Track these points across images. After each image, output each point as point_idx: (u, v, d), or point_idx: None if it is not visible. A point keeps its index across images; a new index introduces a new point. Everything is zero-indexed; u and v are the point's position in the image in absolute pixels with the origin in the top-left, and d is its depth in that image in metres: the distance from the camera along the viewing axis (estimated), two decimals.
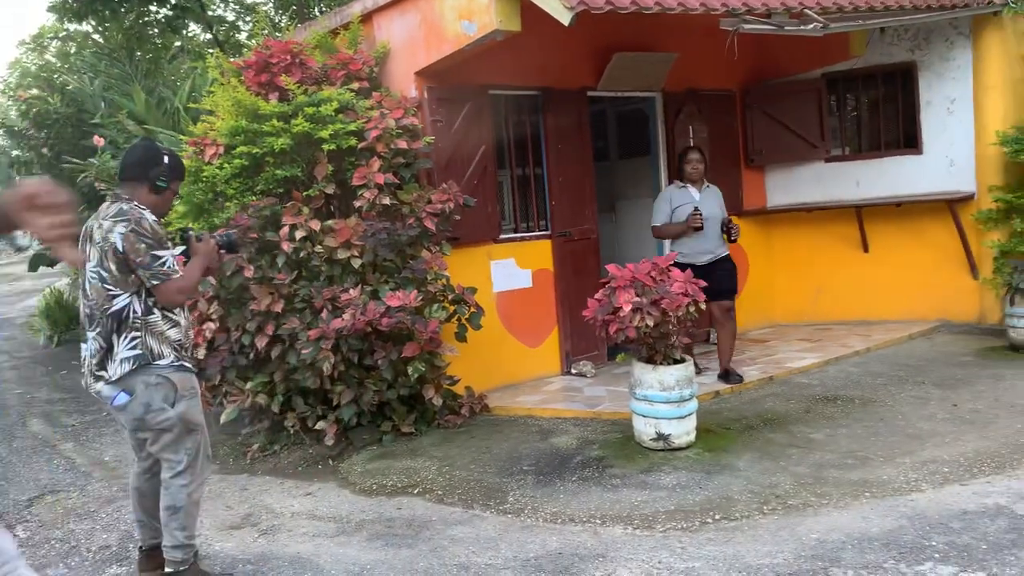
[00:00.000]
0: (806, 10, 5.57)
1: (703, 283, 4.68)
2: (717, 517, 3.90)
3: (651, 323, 4.43)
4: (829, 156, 7.90)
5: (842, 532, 3.58)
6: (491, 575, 3.53)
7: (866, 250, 7.77)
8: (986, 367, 6.08)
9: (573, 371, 6.61)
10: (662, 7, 4.92)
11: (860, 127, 8.02)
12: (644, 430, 4.74)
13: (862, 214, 7.62)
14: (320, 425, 5.33)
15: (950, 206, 7.14)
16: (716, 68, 7.46)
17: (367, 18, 6.14)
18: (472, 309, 5.47)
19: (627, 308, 4.42)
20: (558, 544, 3.77)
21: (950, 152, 7.31)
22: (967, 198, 7.17)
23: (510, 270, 6.33)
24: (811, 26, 5.46)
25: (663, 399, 4.64)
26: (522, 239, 6.52)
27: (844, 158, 7.91)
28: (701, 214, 5.78)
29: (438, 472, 4.83)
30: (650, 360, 4.73)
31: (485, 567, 3.60)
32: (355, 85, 5.64)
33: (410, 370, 5.11)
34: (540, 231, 6.66)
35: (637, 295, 4.47)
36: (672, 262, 4.82)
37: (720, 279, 5.70)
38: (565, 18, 4.57)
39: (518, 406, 5.84)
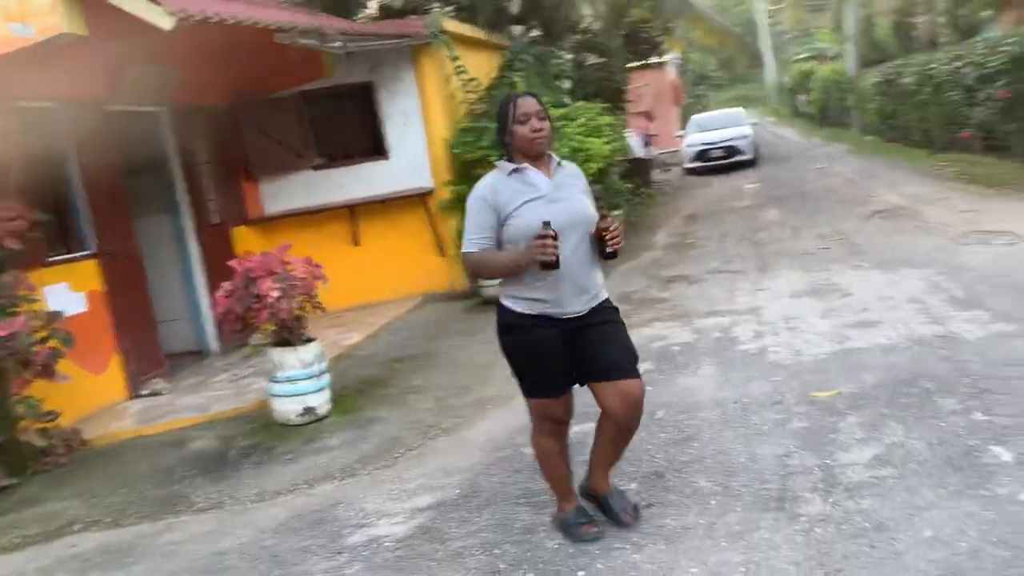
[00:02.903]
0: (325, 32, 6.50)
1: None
2: (401, 451, 4.66)
3: (294, 306, 4.88)
4: (316, 165, 8.92)
5: (505, 428, 4.68)
6: (255, 551, 3.71)
7: (357, 244, 9.01)
8: (479, 315, 7.83)
9: (144, 392, 6.39)
10: (239, 20, 5.31)
11: (338, 139, 9.18)
12: (291, 408, 5.15)
13: (354, 213, 8.83)
14: None
15: (423, 200, 8.82)
16: (214, 86, 7.83)
17: None
18: (60, 335, 5.05)
19: (274, 295, 4.79)
20: (288, 512, 4.08)
21: (411, 156, 8.97)
22: (429, 192, 8.92)
23: (64, 295, 5.84)
24: (336, 43, 6.43)
25: (306, 375, 5.13)
26: (70, 261, 6.06)
27: (328, 166, 9.02)
28: (555, 234, 2.89)
29: (89, 506, 4.52)
30: (286, 343, 5.14)
31: (241, 547, 3.75)
32: None
33: (22, 408, 4.56)
34: (85, 251, 6.25)
35: (277, 283, 4.86)
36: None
37: (609, 338, 3.14)
38: (167, 23, 4.66)
39: (121, 431, 5.55)
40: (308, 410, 5.17)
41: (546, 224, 2.90)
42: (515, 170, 3.10)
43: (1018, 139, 12.06)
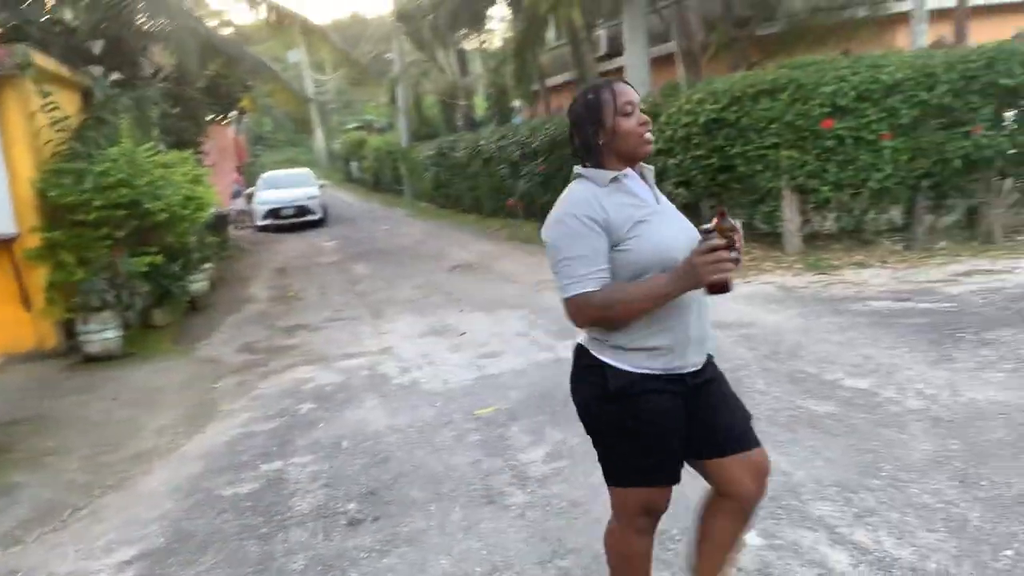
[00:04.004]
0: None
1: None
2: (68, 512, 4.23)
3: None
4: None
5: (184, 476, 4.51)
6: None
7: None
8: (87, 373, 7.15)
9: None
10: None
11: None
12: None
13: None
14: None
15: (6, 247, 7.74)
16: None
17: None
18: None
19: None
20: None
21: None
22: (13, 238, 7.88)
23: None
24: None
25: None
26: None
27: None
28: (731, 239, 2.15)
29: None
30: None
31: None
32: None
33: None
34: None
35: None
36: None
37: (728, 398, 2.48)
38: None
39: None
40: None
41: (708, 232, 2.14)
42: (615, 179, 2.32)
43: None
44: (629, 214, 2.27)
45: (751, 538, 3.20)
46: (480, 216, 17.90)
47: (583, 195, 2.29)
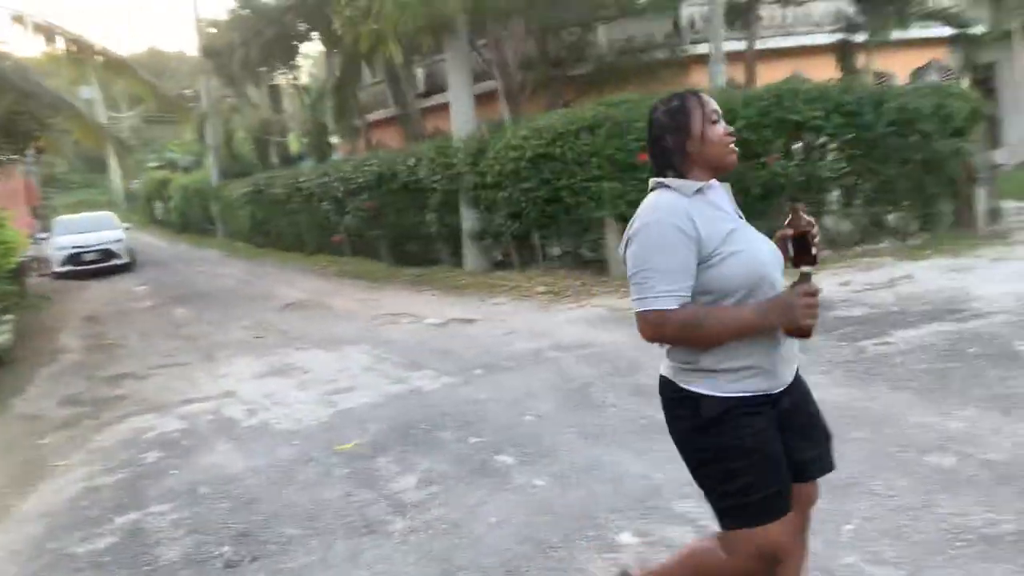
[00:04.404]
0: None
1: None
2: None
3: None
4: None
5: (23, 539, 4.17)
6: None
7: None
8: None
9: None
10: None
11: None
12: None
13: None
14: None
15: None
16: None
17: None
18: None
19: None
20: None
21: None
22: None
23: None
24: None
25: None
26: None
27: None
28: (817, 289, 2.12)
29: None
30: None
31: None
32: None
33: None
34: None
35: None
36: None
37: (816, 416, 2.38)
38: None
39: None
40: None
41: (806, 275, 2.09)
42: (699, 190, 2.18)
43: (382, 242, 14.57)
44: (719, 227, 2.12)
45: (626, 537, 3.43)
46: (304, 254, 17.57)
47: (672, 204, 2.14)
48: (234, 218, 22.81)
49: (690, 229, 2.09)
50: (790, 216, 2.20)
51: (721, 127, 2.21)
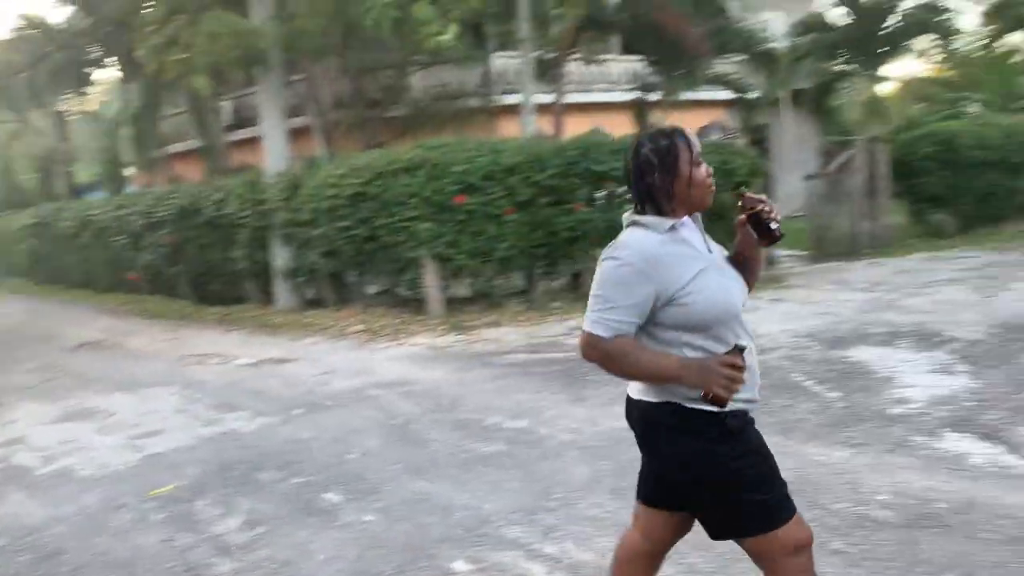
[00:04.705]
0: None
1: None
2: None
3: None
4: None
5: None
6: None
7: None
8: None
9: None
10: None
11: None
12: None
13: None
14: None
15: None
16: None
17: None
18: None
19: None
20: None
21: None
22: None
23: None
24: None
25: None
26: None
27: None
28: (744, 365, 2.22)
29: None
30: None
31: None
32: None
33: None
34: None
35: None
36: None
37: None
38: None
39: None
40: None
41: (740, 348, 2.19)
42: (672, 227, 2.27)
43: (183, 279, 13.89)
44: (688, 267, 2.22)
45: (460, 565, 3.56)
46: (94, 292, 16.38)
47: (640, 244, 2.23)
48: (11, 252, 20.87)
49: (651, 272, 2.18)
50: (740, 202, 2.34)
51: (704, 168, 2.31)
